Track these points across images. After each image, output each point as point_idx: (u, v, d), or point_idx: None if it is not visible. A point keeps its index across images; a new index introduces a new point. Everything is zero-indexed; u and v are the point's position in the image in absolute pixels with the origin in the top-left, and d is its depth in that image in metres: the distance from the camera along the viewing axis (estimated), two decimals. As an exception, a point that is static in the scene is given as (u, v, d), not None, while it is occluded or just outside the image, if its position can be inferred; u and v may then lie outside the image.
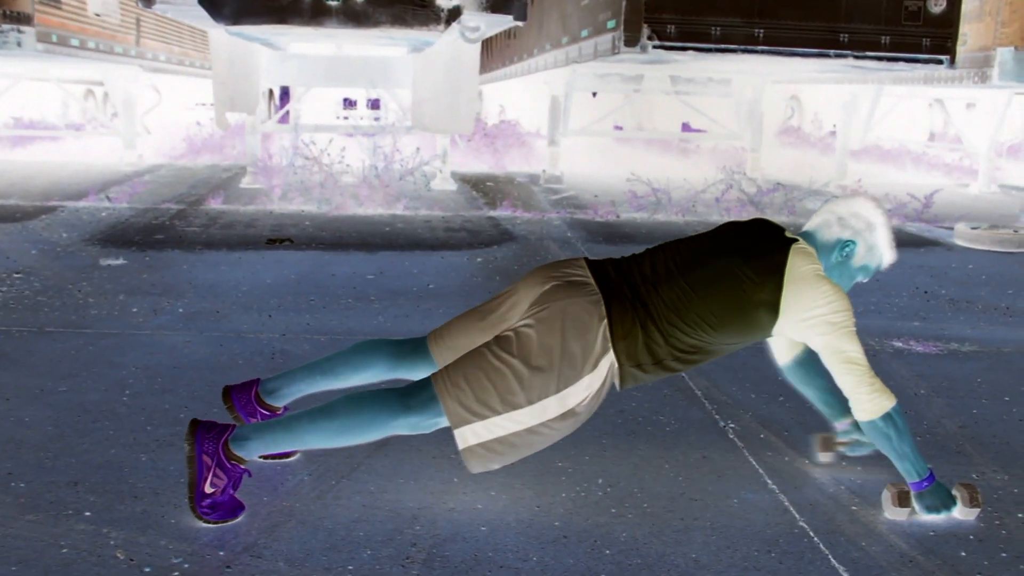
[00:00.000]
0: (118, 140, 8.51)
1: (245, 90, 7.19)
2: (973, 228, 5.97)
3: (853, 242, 2.14)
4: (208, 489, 1.96)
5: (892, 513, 2.12)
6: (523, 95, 13.25)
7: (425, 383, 2.00)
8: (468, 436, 1.96)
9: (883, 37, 5.71)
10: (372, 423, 1.98)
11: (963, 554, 1.99)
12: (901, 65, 5.85)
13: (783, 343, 2.36)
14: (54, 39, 6.13)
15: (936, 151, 10.97)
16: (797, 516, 2.13)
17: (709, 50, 5.62)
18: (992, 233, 5.83)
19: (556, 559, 1.90)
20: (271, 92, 14.05)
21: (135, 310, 3.69)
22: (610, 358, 1.98)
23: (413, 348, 2.23)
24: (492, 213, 6.66)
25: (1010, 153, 12.16)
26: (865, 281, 2.23)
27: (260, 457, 2.23)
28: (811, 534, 2.05)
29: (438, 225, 6.10)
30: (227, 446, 1.98)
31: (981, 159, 8.79)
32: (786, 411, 2.82)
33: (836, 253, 2.14)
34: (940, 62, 5.83)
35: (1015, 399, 3.03)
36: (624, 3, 5.56)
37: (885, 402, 2.06)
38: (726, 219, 6.57)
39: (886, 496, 2.14)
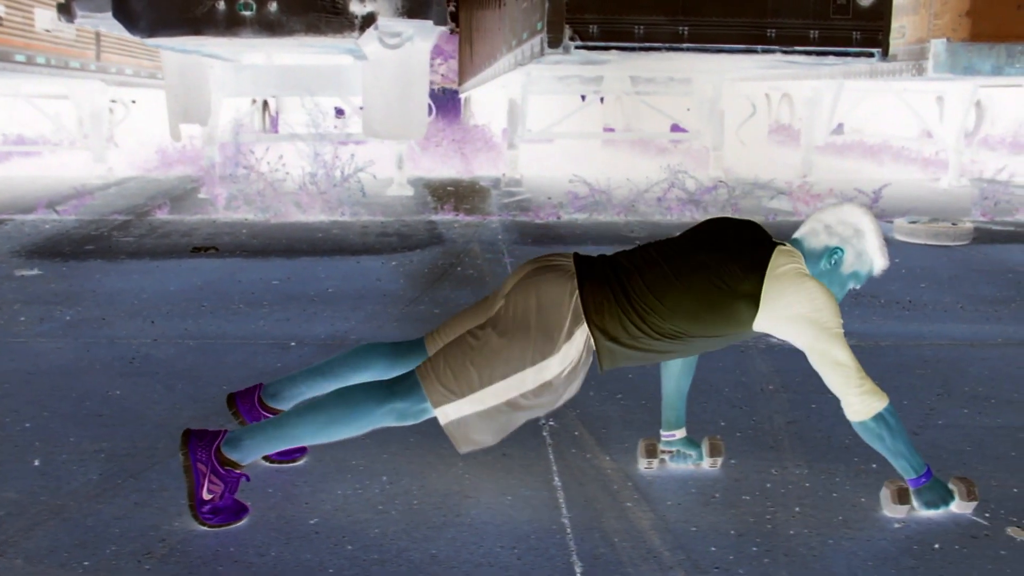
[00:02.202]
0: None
1: (197, 101, 7.31)
2: (912, 222, 5.88)
3: (841, 249, 2.13)
4: (206, 496, 2.01)
5: (891, 511, 2.12)
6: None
7: (410, 372, 2.09)
8: (449, 412, 2.04)
9: (812, 31, 5.66)
10: (359, 413, 2.04)
11: (713, 549, 1.98)
12: (831, 59, 5.79)
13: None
14: (-6, 55, 6.30)
15: (917, 145, 10.80)
16: (565, 512, 2.14)
17: (633, 49, 5.61)
18: (928, 227, 5.74)
19: (294, 554, 1.92)
20: (265, 103, 14.26)
21: (23, 319, 3.78)
22: (585, 331, 2.03)
23: (410, 347, 2.31)
24: (434, 217, 6.70)
25: (1010, 146, 11.94)
26: (858, 288, 2.22)
27: (267, 460, 2.33)
28: (568, 530, 2.05)
29: (374, 230, 6.15)
30: (220, 452, 2.02)
31: (950, 152, 8.64)
32: (618, 409, 2.82)
33: (824, 260, 2.13)
34: (871, 55, 5.75)
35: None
36: (547, 4, 5.58)
37: (876, 403, 2.04)
38: (668, 218, 6.61)
39: (885, 494, 2.14)
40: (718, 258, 2.08)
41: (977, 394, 3.01)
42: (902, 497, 2.12)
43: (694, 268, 2.07)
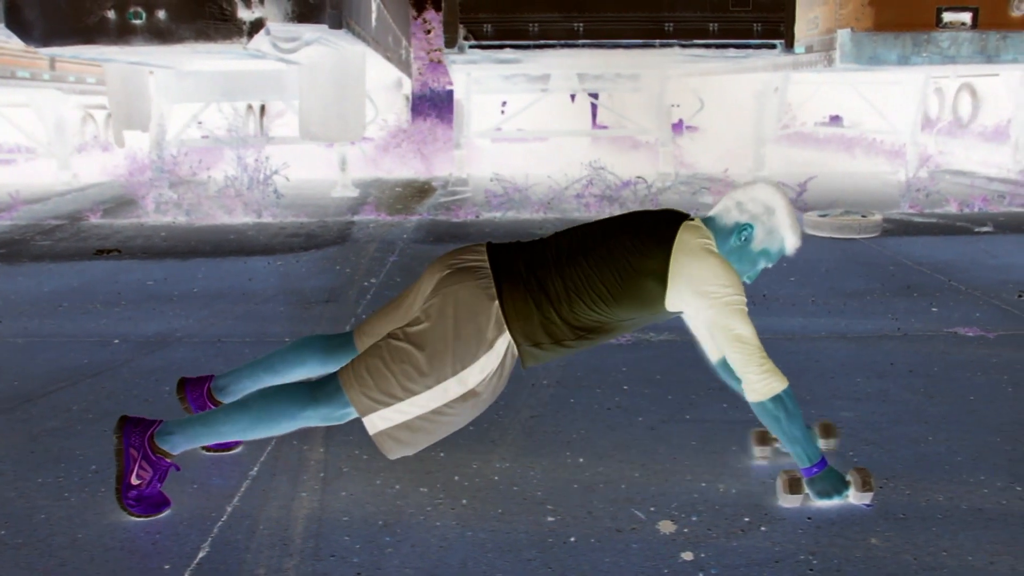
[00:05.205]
0: (84, 161, 9.01)
1: (139, 108, 7.53)
2: (821, 215, 5.78)
3: (751, 226, 2.16)
4: (134, 481, 2.10)
5: (785, 500, 2.14)
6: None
7: (333, 376, 2.13)
8: (376, 422, 2.07)
9: (711, 24, 5.60)
10: (283, 415, 2.11)
11: (346, 538, 2.03)
12: (733, 51, 5.73)
13: (711, 341, 2.33)
14: (-75, 68, 6.56)
15: (892, 137, 10.54)
16: (235, 501, 2.20)
17: (528, 47, 5.63)
18: (834, 220, 5.64)
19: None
20: (263, 108, 14.53)
21: None
22: (506, 338, 2.06)
23: (341, 343, 2.37)
24: (355, 218, 6.79)
25: (996, 136, 11.59)
26: (770, 266, 2.25)
27: (204, 449, 2.43)
28: (224, 518, 2.12)
29: (288, 231, 6.26)
30: (152, 440, 2.11)
31: (907, 143, 8.44)
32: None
33: (735, 237, 2.16)
34: (773, 47, 5.67)
35: (655, 385, 3.00)
36: (444, 5, 5.64)
37: (775, 384, 2.06)
38: (586, 214, 6.60)
39: (778, 484, 2.16)
40: (629, 243, 2.12)
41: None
42: (794, 487, 2.12)
43: (606, 255, 2.10)
